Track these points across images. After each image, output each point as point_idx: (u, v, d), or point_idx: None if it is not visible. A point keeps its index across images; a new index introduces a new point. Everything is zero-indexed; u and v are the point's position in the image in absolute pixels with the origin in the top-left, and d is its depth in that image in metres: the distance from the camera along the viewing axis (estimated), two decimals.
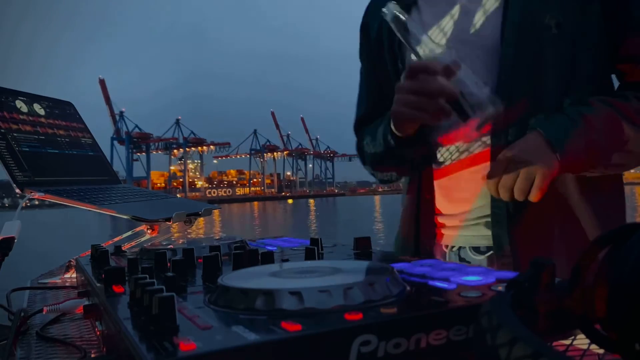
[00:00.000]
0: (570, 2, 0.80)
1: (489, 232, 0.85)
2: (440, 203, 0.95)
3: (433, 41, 0.77)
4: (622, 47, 0.81)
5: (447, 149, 0.92)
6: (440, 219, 0.96)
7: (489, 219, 0.85)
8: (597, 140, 0.76)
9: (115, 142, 79.71)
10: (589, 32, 0.80)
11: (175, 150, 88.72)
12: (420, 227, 0.96)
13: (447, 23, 0.90)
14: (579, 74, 0.81)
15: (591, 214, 0.83)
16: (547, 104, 0.81)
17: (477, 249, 0.90)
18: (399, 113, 0.81)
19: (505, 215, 0.82)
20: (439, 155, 0.93)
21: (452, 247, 0.93)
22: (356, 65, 1.11)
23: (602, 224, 0.82)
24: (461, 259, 0.92)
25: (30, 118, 1.09)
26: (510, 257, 0.82)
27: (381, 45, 0.99)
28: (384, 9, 0.77)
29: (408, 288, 0.40)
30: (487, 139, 0.85)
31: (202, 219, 1.02)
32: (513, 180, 0.75)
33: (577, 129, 0.76)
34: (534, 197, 0.74)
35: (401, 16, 0.77)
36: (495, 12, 0.84)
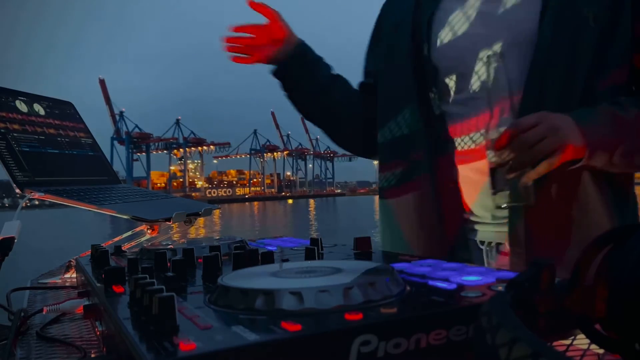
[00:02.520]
0: None
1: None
2: (469, 194, 0.89)
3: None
4: None
5: (462, 139, 0.89)
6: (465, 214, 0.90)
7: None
8: (624, 139, 0.75)
9: (115, 142, 79.70)
10: (620, 28, 0.79)
11: (176, 151, 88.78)
12: (446, 222, 0.89)
13: (473, 4, 0.89)
14: (609, 69, 0.80)
15: (605, 209, 0.81)
16: (577, 95, 0.79)
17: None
18: None
19: (522, 207, 0.79)
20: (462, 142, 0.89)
21: (490, 243, 0.88)
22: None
23: (615, 221, 0.81)
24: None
25: (30, 118, 1.09)
26: (524, 249, 0.80)
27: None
28: None
29: (408, 288, 0.40)
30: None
31: (201, 219, 1.02)
32: (536, 140, 0.71)
33: (606, 124, 0.75)
34: (543, 168, 0.72)
35: None
36: (532, 7, 0.82)
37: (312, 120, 1.10)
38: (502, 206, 0.77)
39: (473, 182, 0.88)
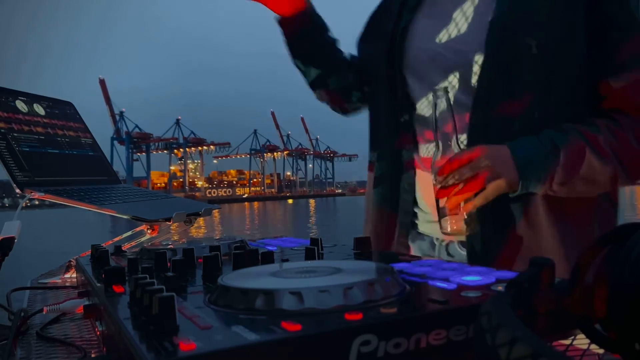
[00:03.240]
0: (553, 22, 0.81)
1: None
2: (429, 195, 0.94)
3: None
4: (601, 77, 0.82)
5: (431, 144, 0.93)
6: (424, 214, 0.98)
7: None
8: (563, 171, 0.78)
9: (115, 142, 79.69)
10: (571, 57, 0.81)
11: (176, 150, 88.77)
12: (399, 217, 0.98)
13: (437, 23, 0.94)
14: (555, 96, 0.82)
15: (553, 227, 0.83)
16: (521, 121, 0.82)
17: (464, 244, 0.90)
18: None
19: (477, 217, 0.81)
20: (424, 149, 0.95)
21: (442, 241, 0.95)
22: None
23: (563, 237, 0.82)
24: (449, 254, 0.94)
25: (31, 118, 1.09)
26: (485, 256, 0.84)
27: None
28: None
29: (408, 288, 0.40)
30: None
31: (201, 219, 1.02)
32: (472, 174, 0.76)
33: (542, 155, 0.78)
34: (477, 203, 0.77)
35: None
36: (478, 28, 0.86)
37: (308, 60, 1.11)
38: (447, 232, 0.80)
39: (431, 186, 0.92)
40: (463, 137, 0.85)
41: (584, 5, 0.80)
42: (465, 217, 0.78)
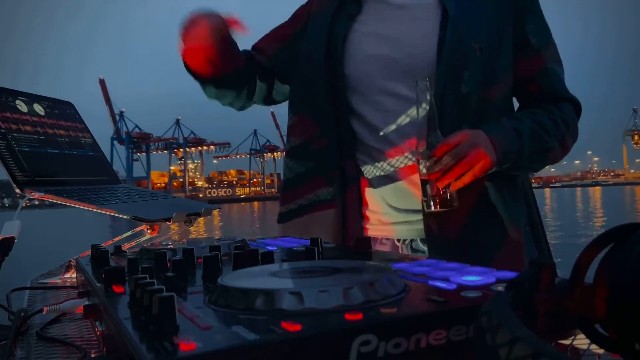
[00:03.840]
0: (492, 29, 0.97)
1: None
2: (392, 199, 1.02)
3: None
4: (521, 69, 1.00)
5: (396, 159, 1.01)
6: (386, 216, 1.03)
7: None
8: (526, 150, 0.93)
9: (115, 142, 79.68)
10: (502, 56, 0.98)
11: (177, 150, 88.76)
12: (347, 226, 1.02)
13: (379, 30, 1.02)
14: (496, 91, 0.98)
15: (503, 208, 0.97)
16: (471, 115, 0.95)
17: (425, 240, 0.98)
18: None
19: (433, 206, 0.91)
20: (386, 164, 1.01)
21: (405, 240, 1.02)
22: None
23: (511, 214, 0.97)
24: (413, 250, 1.02)
25: (30, 118, 1.09)
26: (444, 246, 0.94)
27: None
28: None
29: (408, 288, 0.40)
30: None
31: (202, 219, 1.02)
32: (462, 155, 0.85)
33: (509, 136, 0.92)
34: (467, 179, 0.86)
35: None
36: (431, 34, 0.97)
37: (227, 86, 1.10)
38: (432, 210, 0.89)
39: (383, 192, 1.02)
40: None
41: (512, 18, 0.99)
42: (449, 195, 0.87)
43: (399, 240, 1.03)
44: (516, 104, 1.08)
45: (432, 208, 0.88)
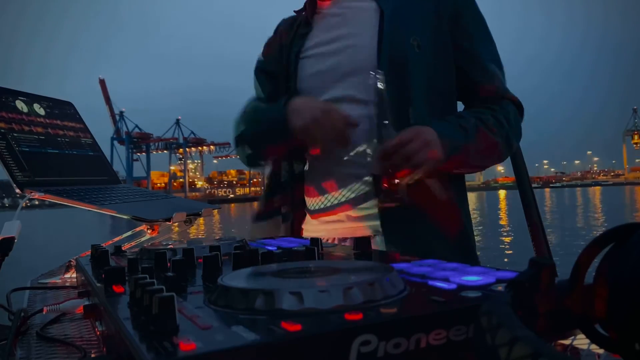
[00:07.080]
0: (428, 28, 1.02)
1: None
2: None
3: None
4: (462, 69, 1.04)
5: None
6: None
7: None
8: (472, 146, 0.96)
9: (115, 142, 79.66)
10: (441, 55, 1.03)
11: (179, 150, 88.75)
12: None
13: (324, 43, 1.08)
14: (439, 89, 1.02)
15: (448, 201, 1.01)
16: (415, 110, 0.98)
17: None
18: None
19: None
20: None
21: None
22: None
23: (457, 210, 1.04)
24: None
25: (30, 118, 1.09)
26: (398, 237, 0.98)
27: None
28: None
29: (408, 288, 0.40)
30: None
31: (202, 219, 1.02)
32: (413, 153, 0.87)
33: (456, 134, 0.95)
34: (417, 175, 0.89)
35: None
36: (371, 31, 1.01)
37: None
38: (384, 205, 0.94)
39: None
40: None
41: (447, 18, 1.03)
42: (400, 190, 0.90)
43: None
44: (461, 106, 1.11)
45: (385, 203, 0.93)
